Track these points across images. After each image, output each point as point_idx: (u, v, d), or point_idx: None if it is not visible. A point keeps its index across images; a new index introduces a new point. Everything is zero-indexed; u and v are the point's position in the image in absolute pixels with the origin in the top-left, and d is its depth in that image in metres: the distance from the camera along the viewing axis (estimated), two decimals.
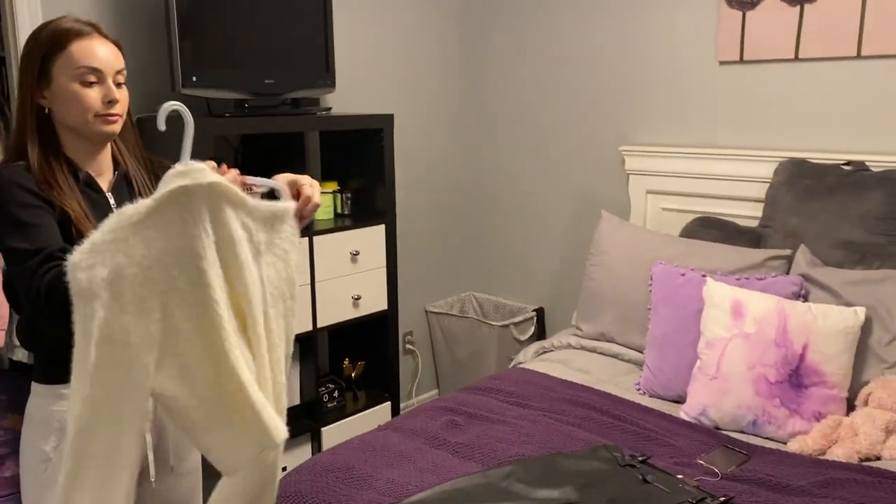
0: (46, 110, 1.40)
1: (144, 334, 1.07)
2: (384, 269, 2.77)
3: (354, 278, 2.67)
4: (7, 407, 2.54)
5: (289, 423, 2.79)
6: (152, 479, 1.48)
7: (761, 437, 2.04)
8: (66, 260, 1.22)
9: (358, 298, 2.70)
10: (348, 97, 2.96)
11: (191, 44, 2.25)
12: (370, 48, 3.07)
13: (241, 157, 2.69)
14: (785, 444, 2.01)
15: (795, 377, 2.04)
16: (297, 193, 1.39)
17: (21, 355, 2.43)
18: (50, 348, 1.39)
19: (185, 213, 1.08)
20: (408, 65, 3.23)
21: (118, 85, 1.43)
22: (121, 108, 1.43)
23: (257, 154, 2.68)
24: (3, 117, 2.48)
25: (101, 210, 1.41)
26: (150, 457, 1.47)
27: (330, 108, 2.70)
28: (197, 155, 2.18)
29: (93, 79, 1.38)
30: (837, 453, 1.91)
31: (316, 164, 2.89)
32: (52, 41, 1.38)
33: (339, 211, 2.82)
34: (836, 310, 2.08)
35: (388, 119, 2.71)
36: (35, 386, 1.44)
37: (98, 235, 1.03)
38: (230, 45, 2.38)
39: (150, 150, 1.62)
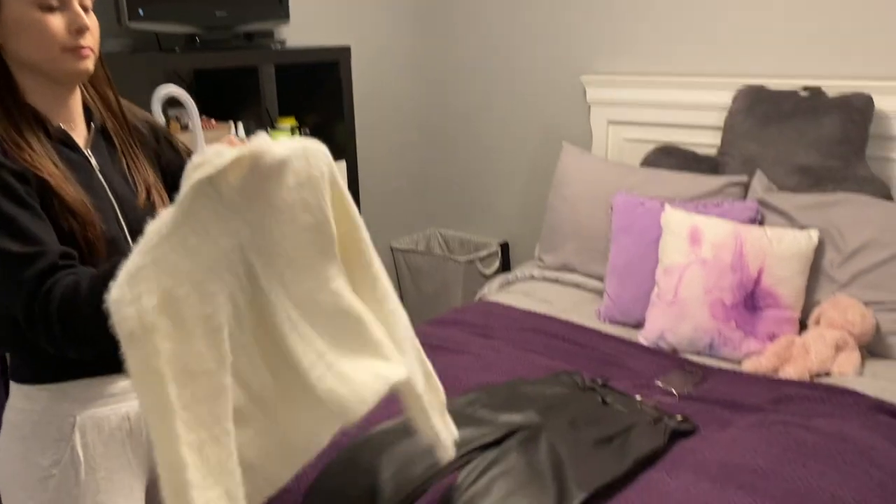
0: None
1: (219, 355, 0.94)
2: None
3: None
4: None
5: None
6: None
7: (717, 359, 2.10)
8: (71, 268, 1.04)
9: None
10: (304, 29, 2.88)
11: None
12: None
13: (194, 94, 2.61)
14: (740, 364, 2.07)
15: (750, 300, 2.09)
16: None
17: None
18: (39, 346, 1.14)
19: (217, 206, 0.93)
20: None
21: (85, 10, 1.16)
22: (92, 38, 1.16)
23: (212, 90, 2.62)
24: None
25: (82, 172, 1.17)
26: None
27: (284, 41, 2.63)
28: (151, 91, 2.13)
29: (54, 2, 1.12)
30: (789, 371, 1.97)
31: (272, 99, 2.83)
32: None
33: None
34: (790, 233, 2.12)
35: (345, 51, 2.65)
36: (18, 388, 1.18)
37: (132, 262, 0.89)
38: None
39: None
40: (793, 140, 2.34)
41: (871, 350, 2.07)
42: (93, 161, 1.20)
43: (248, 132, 2.52)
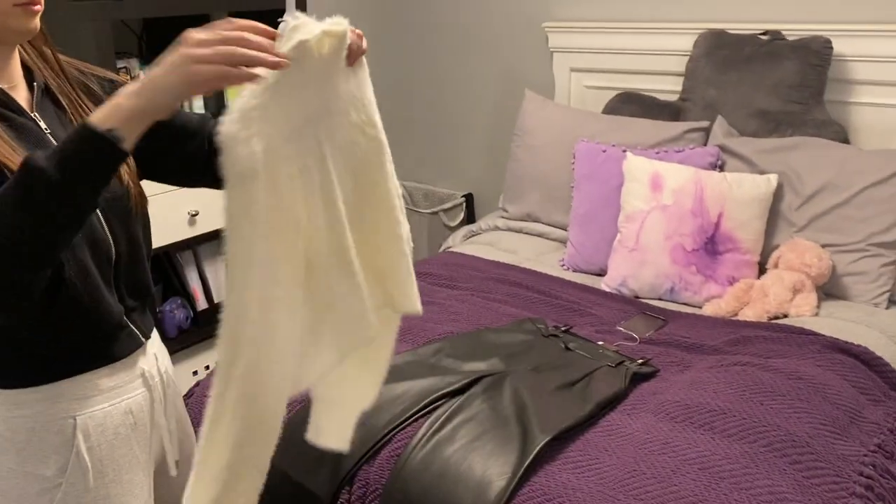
0: None
1: (297, 218, 0.93)
2: None
3: None
4: None
5: (211, 324, 2.74)
6: (173, 472, 1.22)
7: (678, 304, 2.13)
8: None
9: None
10: None
11: None
12: None
13: (145, 46, 2.53)
14: (700, 308, 2.10)
15: (711, 244, 2.11)
16: None
17: None
18: (30, 341, 1.04)
19: (301, 72, 0.90)
20: None
21: None
22: None
23: (162, 40, 2.53)
24: None
25: (31, 137, 1.04)
26: (169, 446, 1.21)
27: None
28: (98, 42, 2.05)
29: None
30: (748, 314, 2.01)
31: None
32: None
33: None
34: (749, 178, 2.14)
35: None
36: (4, 394, 1.05)
37: (243, 101, 0.84)
38: None
39: None
40: (752, 84, 2.34)
41: (828, 291, 2.12)
42: (41, 124, 1.07)
43: None
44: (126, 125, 0.87)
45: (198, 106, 2.47)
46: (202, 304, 2.57)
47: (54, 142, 1.06)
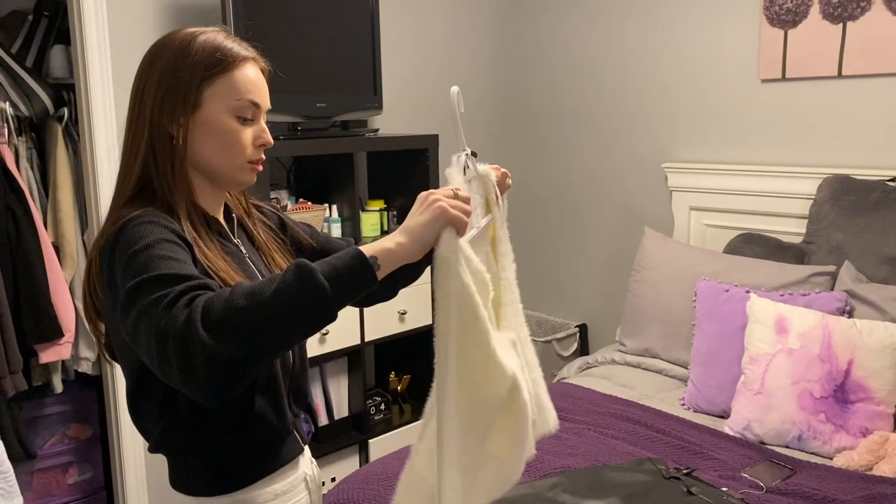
0: (175, 141, 1.11)
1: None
2: (429, 286, 2.84)
3: (401, 294, 2.73)
4: (71, 417, 2.66)
5: (337, 435, 2.82)
6: None
7: (806, 453, 2.05)
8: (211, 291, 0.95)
9: (404, 313, 2.77)
10: (394, 118, 3.05)
11: None
12: (415, 69, 3.16)
13: (293, 177, 2.79)
14: (830, 459, 2.01)
15: (841, 392, 2.04)
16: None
17: (86, 367, 2.54)
18: (221, 453, 1.13)
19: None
20: (452, 84, 3.31)
21: None
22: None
23: (309, 174, 2.79)
24: (73, 143, 2.59)
25: (236, 259, 1.16)
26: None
27: (377, 130, 2.79)
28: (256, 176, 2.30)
29: (250, 115, 1.13)
30: (885, 469, 1.91)
31: (363, 183, 2.98)
32: (214, 59, 1.11)
33: (385, 228, 2.90)
34: (881, 325, 2.08)
35: (434, 139, 2.79)
36: (196, 500, 1.14)
37: (467, 238, 1.13)
38: (284, 71, 2.46)
39: None
40: (881, 231, 2.32)
41: None
42: (242, 249, 1.21)
43: (341, 215, 2.67)
44: (386, 263, 1.00)
45: (337, 232, 2.67)
46: (324, 419, 2.68)
47: (252, 265, 1.20)
